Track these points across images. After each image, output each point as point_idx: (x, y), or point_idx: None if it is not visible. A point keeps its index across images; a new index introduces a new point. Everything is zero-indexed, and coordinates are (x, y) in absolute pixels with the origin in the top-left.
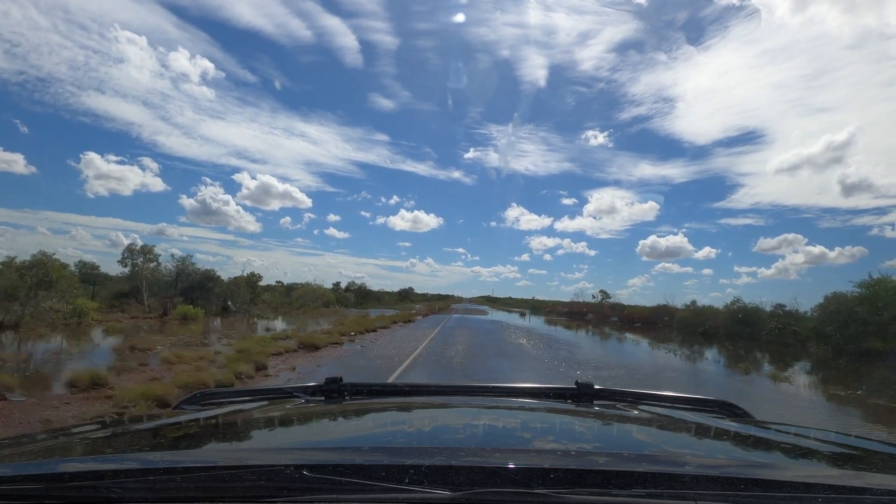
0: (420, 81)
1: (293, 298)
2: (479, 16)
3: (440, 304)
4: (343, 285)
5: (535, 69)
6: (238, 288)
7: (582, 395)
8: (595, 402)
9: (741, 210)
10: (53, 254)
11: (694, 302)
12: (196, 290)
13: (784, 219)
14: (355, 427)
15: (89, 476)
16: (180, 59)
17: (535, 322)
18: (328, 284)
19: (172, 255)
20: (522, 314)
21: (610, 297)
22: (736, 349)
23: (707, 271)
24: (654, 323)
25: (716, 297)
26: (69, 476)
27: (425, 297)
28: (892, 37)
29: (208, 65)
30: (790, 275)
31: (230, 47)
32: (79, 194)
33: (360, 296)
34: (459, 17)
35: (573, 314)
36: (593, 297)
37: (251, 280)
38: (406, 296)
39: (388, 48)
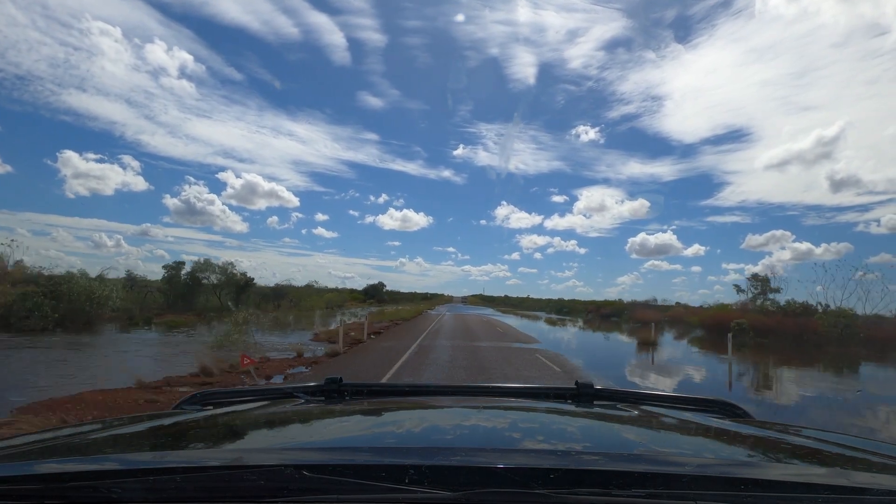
0: (409, 80)
1: None
2: (469, 13)
3: (425, 304)
4: (324, 283)
5: (525, 67)
6: None
7: (582, 395)
8: (595, 402)
9: (728, 207)
10: None
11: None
12: None
13: (770, 216)
14: (355, 427)
15: (89, 476)
16: (164, 57)
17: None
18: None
19: None
20: (648, 345)
21: (779, 291)
22: None
23: (696, 268)
24: None
25: (705, 294)
26: (69, 476)
27: (411, 297)
28: (878, 35)
29: (193, 63)
30: (777, 271)
31: (215, 45)
32: (59, 195)
33: (235, 290)
34: (448, 15)
35: (743, 333)
36: (740, 290)
37: None
38: (374, 294)
39: (376, 46)
